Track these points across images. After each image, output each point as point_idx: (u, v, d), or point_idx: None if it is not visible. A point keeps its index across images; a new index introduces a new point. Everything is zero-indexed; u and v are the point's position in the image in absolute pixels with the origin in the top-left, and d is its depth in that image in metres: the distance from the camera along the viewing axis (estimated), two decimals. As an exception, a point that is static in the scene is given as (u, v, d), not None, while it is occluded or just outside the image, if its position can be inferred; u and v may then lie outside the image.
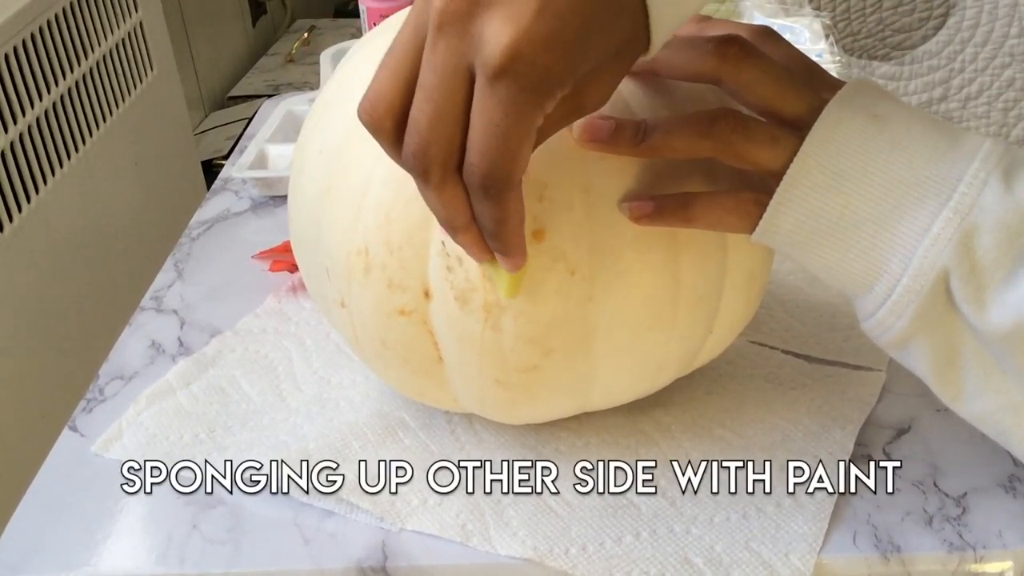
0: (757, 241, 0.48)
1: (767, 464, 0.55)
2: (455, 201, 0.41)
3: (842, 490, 0.54)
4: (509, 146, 0.39)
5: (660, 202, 0.47)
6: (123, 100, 1.33)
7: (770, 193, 0.47)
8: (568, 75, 0.39)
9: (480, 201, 0.41)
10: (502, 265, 0.45)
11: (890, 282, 0.46)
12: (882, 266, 0.46)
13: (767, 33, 0.51)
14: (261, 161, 0.91)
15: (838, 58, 1.25)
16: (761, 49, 0.49)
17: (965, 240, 0.44)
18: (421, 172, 0.41)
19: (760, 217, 0.47)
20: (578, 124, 0.47)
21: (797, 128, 0.47)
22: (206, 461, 0.58)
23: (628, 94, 0.50)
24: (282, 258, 0.77)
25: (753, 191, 0.48)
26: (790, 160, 0.46)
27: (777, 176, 0.46)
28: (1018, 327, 0.44)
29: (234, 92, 2.28)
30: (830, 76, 0.50)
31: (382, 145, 0.42)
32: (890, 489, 0.54)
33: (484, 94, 0.38)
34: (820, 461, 0.55)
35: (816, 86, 0.49)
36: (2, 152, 1.04)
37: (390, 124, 0.41)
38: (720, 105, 0.48)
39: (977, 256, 0.44)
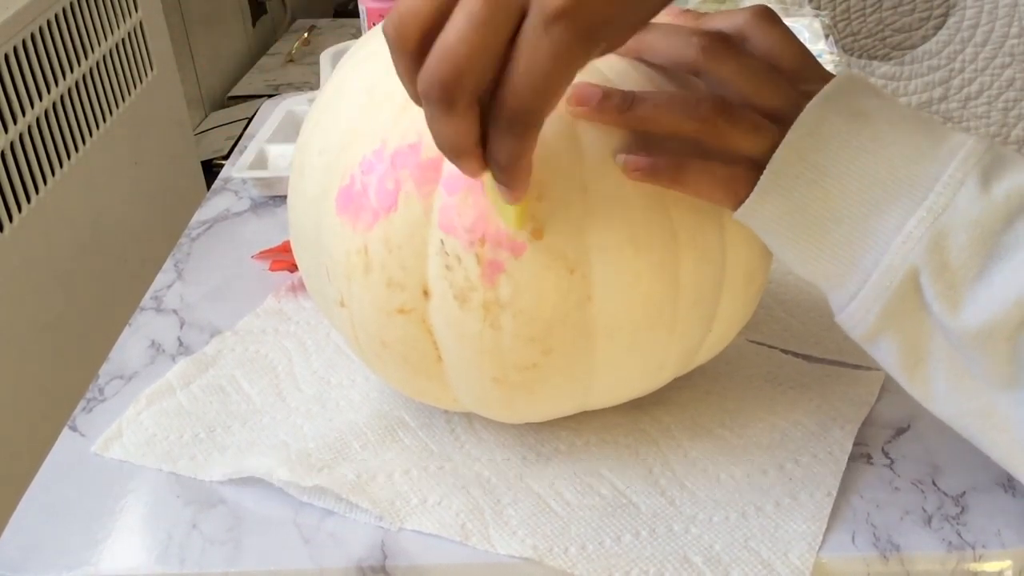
0: (738, 219, 0.49)
1: (766, 463, 0.56)
2: (470, 130, 0.41)
3: (841, 490, 0.54)
4: (548, 88, 0.39)
5: (655, 160, 0.48)
6: (123, 100, 1.33)
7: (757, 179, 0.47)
8: (624, 26, 0.39)
9: (501, 135, 0.40)
10: (501, 195, 0.44)
11: (861, 278, 0.47)
12: (855, 262, 0.47)
13: (764, 16, 0.51)
14: (261, 161, 0.91)
15: (838, 58, 1.25)
16: (755, 33, 0.50)
17: (937, 239, 0.44)
18: (447, 100, 0.39)
19: (746, 196, 0.47)
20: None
21: (777, 121, 0.47)
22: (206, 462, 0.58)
23: (613, 74, 0.50)
24: (282, 258, 0.77)
25: (747, 170, 0.48)
26: (771, 150, 0.46)
27: (757, 164, 0.47)
28: (988, 326, 0.44)
29: (234, 92, 2.28)
30: (821, 68, 0.50)
31: (400, 64, 0.41)
32: (889, 488, 0.54)
33: (536, 34, 0.38)
34: (819, 460, 0.55)
35: (804, 77, 0.49)
36: (2, 152, 1.04)
37: (415, 45, 0.39)
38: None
39: (950, 255, 0.44)
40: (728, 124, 0.47)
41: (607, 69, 0.51)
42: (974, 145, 0.46)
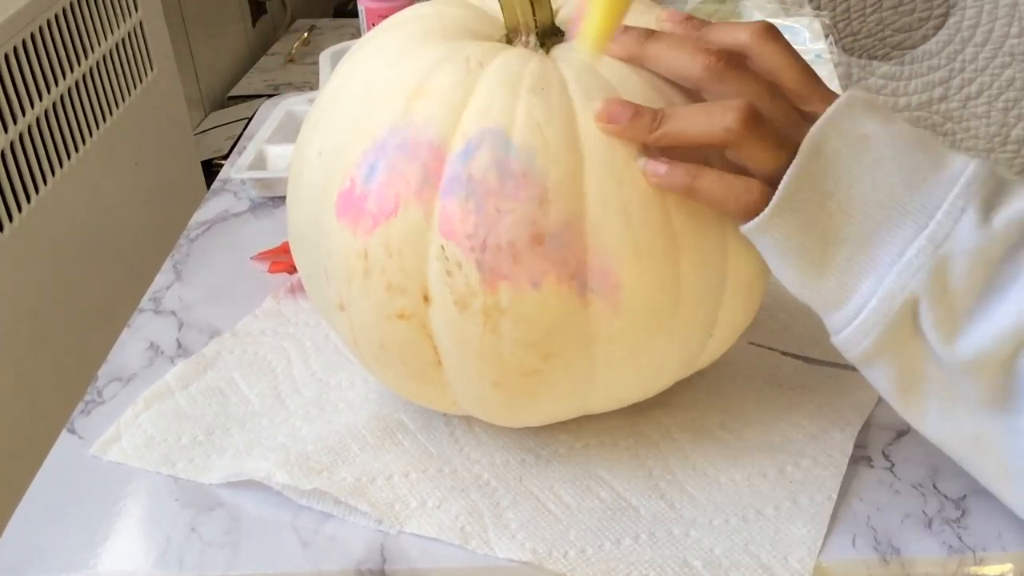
0: (745, 234, 0.49)
1: (766, 466, 0.55)
2: None
3: (841, 493, 0.54)
4: None
5: (672, 167, 0.48)
6: (123, 100, 1.33)
7: (771, 196, 0.47)
8: None
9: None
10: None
11: (860, 302, 0.47)
12: (855, 287, 0.47)
13: (768, 34, 0.51)
14: (260, 162, 0.91)
15: (838, 58, 1.25)
16: (759, 51, 0.50)
17: (938, 268, 0.45)
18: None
19: (756, 213, 0.47)
20: (596, 106, 0.48)
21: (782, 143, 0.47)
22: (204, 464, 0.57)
23: (616, 80, 0.50)
24: (281, 259, 0.77)
25: (760, 185, 0.48)
26: (783, 169, 0.47)
27: (769, 180, 0.47)
28: (981, 356, 0.44)
29: (234, 92, 2.27)
30: (823, 87, 0.50)
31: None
32: (889, 491, 0.54)
33: None
34: (819, 463, 0.55)
35: (806, 98, 0.49)
36: (2, 152, 1.04)
37: None
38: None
39: (949, 284, 0.45)
40: (755, 136, 0.47)
41: (610, 75, 0.50)
42: (975, 171, 0.46)
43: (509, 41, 0.54)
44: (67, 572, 0.53)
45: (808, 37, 1.16)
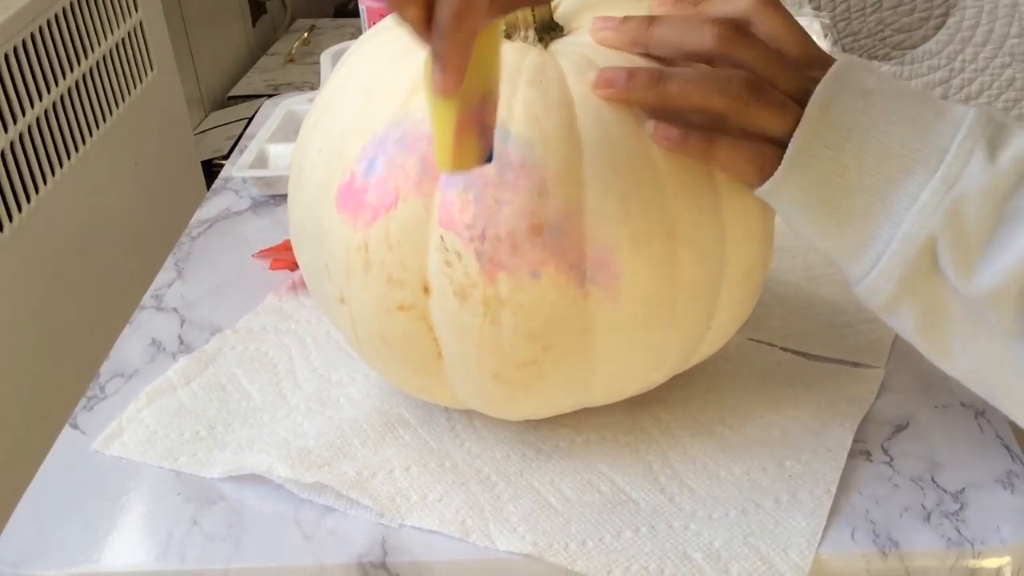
0: (760, 196, 0.50)
1: (766, 460, 0.56)
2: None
3: (840, 486, 0.54)
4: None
5: (686, 132, 0.49)
6: (123, 100, 1.33)
7: (782, 157, 0.48)
8: None
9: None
10: (434, 77, 0.42)
11: (880, 248, 0.48)
12: (873, 233, 0.48)
13: (767, 1, 0.51)
14: (261, 160, 0.91)
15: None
16: (760, 19, 0.51)
17: (952, 208, 0.46)
18: None
19: (770, 175, 0.49)
20: (592, 76, 0.49)
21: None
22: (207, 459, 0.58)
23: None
24: (282, 256, 0.78)
25: (770, 147, 0.49)
26: (792, 129, 0.48)
27: (778, 142, 0.48)
28: (1000, 288, 0.46)
29: (234, 92, 2.28)
30: (823, 53, 0.52)
31: None
32: (888, 485, 0.54)
33: None
34: (819, 457, 0.55)
35: (808, 63, 0.51)
36: (2, 152, 1.04)
37: None
38: None
39: (964, 222, 0.46)
40: (757, 102, 0.48)
41: (604, 63, 0.51)
42: (976, 115, 0.47)
43: (508, 36, 0.54)
44: (69, 566, 0.53)
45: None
